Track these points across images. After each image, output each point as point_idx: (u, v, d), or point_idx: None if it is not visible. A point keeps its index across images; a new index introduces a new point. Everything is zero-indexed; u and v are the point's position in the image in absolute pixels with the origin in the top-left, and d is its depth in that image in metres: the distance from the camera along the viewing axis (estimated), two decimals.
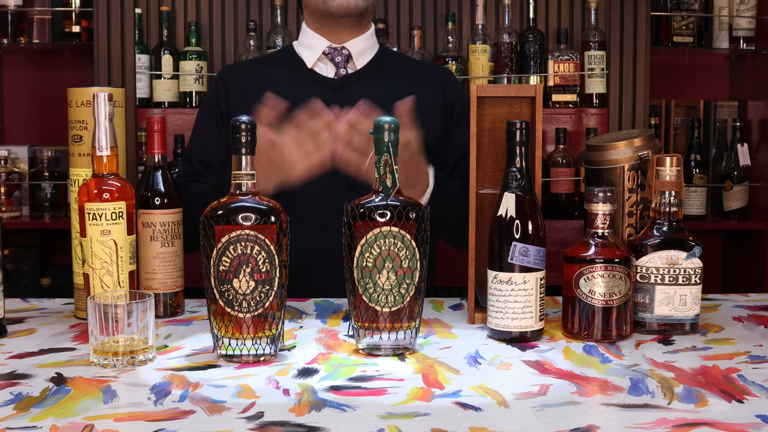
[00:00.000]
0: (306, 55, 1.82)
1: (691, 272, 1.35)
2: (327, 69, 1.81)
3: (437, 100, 1.83)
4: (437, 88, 1.85)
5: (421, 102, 1.78)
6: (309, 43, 1.82)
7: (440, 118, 1.82)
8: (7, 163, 2.93)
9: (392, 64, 1.85)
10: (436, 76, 1.89)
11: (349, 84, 1.78)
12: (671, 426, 0.96)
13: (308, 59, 1.81)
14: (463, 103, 1.87)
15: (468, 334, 1.38)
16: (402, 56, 2.01)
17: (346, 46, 1.80)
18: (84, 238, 1.33)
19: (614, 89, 2.78)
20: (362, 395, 1.07)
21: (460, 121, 1.86)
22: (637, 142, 1.44)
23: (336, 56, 1.80)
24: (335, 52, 1.80)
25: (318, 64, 1.81)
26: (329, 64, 1.81)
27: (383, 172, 1.24)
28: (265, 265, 1.20)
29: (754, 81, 3.05)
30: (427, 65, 2.07)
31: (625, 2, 2.75)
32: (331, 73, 1.81)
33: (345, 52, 1.80)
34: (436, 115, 1.80)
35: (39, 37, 2.96)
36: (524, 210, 1.31)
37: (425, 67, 2.00)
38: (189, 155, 1.87)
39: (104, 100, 1.31)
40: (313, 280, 1.68)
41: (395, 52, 1.96)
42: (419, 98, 1.79)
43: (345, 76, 1.79)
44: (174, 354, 1.25)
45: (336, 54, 1.80)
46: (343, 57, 1.80)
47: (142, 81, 2.85)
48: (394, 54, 1.93)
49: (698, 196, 3.01)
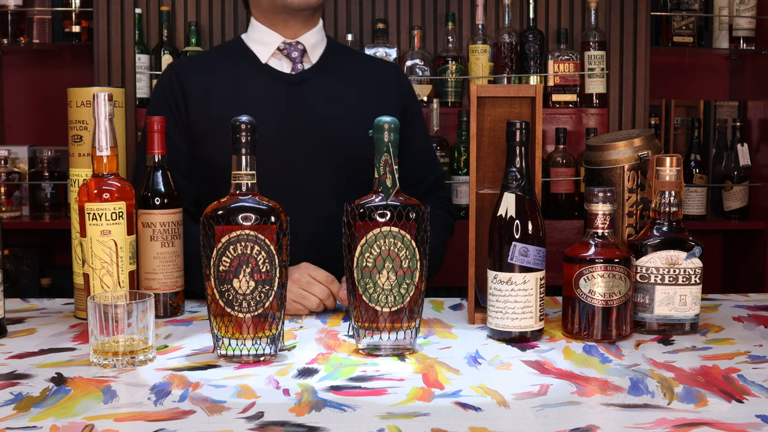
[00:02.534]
0: (259, 51, 1.78)
1: (691, 272, 1.35)
2: (282, 64, 1.78)
3: (394, 96, 1.83)
4: (392, 84, 1.85)
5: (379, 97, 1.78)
6: (261, 39, 1.78)
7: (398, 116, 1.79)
8: (7, 163, 2.93)
9: (345, 58, 1.84)
10: (390, 71, 1.89)
11: (307, 79, 1.76)
12: (671, 426, 0.96)
13: (262, 55, 1.77)
14: (414, 101, 1.88)
15: (468, 334, 1.38)
16: (350, 50, 1.99)
17: (300, 40, 1.77)
18: (84, 238, 1.33)
19: (614, 89, 2.78)
20: (362, 395, 1.07)
21: (416, 122, 1.86)
22: (637, 142, 1.44)
23: (292, 51, 1.77)
24: (290, 47, 1.77)
25: (272, 59, 1.78)
26: (284, 60, 1.78)
27: (383, 172, 1.24)
28: (265, 265, 1.20)
29: (754, 81, 3.05)
30: (378, 60, 2.05)
31: (625, 2, 2.75)
32: (287, 69, 1.78)
33: (300, 47, 1.77)
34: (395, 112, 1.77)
35: (39, 37, 2.96)
36: (524, 210, 1.31)
37: (377, 61, 1.99)
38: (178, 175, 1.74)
39: (104, 100, 1.31)
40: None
41: (342, 45, 1.94)
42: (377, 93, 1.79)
43: (303, 72, 1.77)
44: (174, 354, 1.25)
45: (292, 49, 1.77)
46: (299, 52, 1.77)
47: (142, 81, 2.85)
48: (343, 47, 1.92)
49: (698, 196, 3.01)
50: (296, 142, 1.71)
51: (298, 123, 1.72)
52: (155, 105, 1.78)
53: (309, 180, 1.71)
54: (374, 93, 1.79)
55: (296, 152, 1.71)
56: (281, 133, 1.71)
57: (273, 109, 1.73)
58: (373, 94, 1.79)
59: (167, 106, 1.75)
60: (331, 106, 1.75)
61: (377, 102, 1.77)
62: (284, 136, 1.71)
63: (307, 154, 1.71)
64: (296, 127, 1.72)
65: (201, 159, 1.75)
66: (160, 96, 1.78)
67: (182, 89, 1.75)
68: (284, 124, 1.72)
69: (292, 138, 1.71)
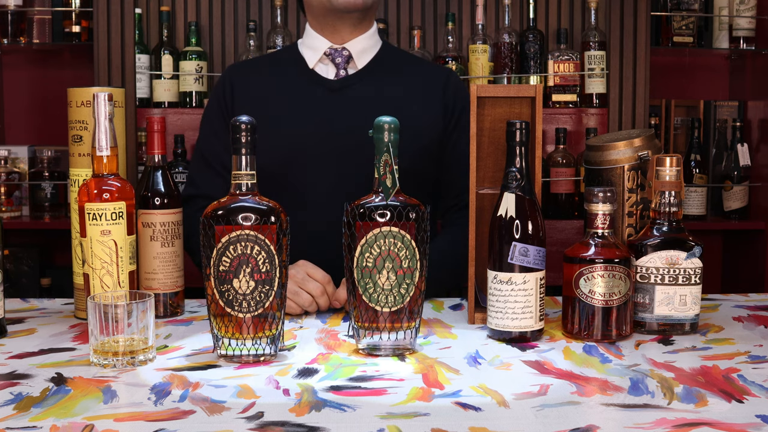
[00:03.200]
0: (308, 56, 1.81)
1: (691, 272, 1.35)
2: (327, 70, 1.80)
3: (437, 102, 1.81)
4: (438, 90, 1.82)
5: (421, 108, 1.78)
6: (311, 44, 1.81)
7: (439, 121, 1.80)
8: (7, 163, 2.93)
9: (393, 66, 1.84)
10: (437, 77, 1.86)
11: (348, 86, 1.78)
12: (671, 426, 0.96)
13: (310, 60, 1.81)
14: (463, 106, 1.84)
15: (468, 334, 1.38)
16: (404, 55, 1.98)
17: (347, 46, 1.79)
18: (84, 238, 1.33)
19: (614, 89, 2.78)
20: (362, 395, 1.07)
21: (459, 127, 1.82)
22: (637, 142, 1.44)
23: (337, 57, 1.79)
24: (336, 52, 1.79)
25: (318, 64, 1.81)
26: (330, 65, 1.80)
27: (383, 172, 1.24)
28: (265, 265, 1.20)
29: (754, 81, 3.05)
30: (428, 65, 2.03)
31: (625, 2, 2.75)
32: (331, 74, 1.80)
33: (345, 53, 1.79)
34: (435, 119, 1.79)
35: (39, 37, 2.96)
36: (524, 210, 1.31)
37: (427, 67, 1.97)
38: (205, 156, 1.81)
39: (104, 100, 1.31)
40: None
41: (398, 50, 1.94)
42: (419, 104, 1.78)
43: (344, 78, 1.79)
44: (174, 354, 1.25)
45: (337, 55, 1.79)
46: (343, 58, 1.79)
47: (142, 81, 2.85)
48: (396, 52, 1.91)
49: (698, 196, 3.01)
50: (331, 147, 1.72)
51: (334, 128, 1.74)
52: (210, 104, 1.87)
53: (341, 186, 1.69)
54: (414, 100, 1.78)
55: (330, 158, 1.71)
56: (318, 137, 1.72)
57: (311, 114, 1.75)
58: (413, 101, 1.78)
59: (218, 105, 1.83)
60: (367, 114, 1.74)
61: (416, 110, 1.76)
62: (321, 140, 1.72)
63: (341, 161, 1.71)
64: (333, 133, 1.73)
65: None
66: (214, 95, 1.87)
67: (232, 91, 1.82)
68: (322, 129, 1.74)
69: (328, 143, 1.72)
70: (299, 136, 1.73)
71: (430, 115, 1.78)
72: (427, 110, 1.78)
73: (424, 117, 1.77)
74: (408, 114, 1.64)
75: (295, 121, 1.74)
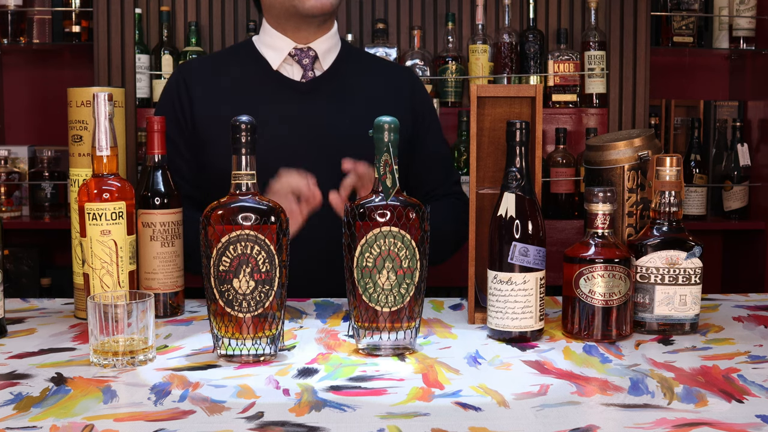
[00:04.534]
0: (270, 56, 1.76)
1: (691, 272, 1.35)
2: (293, 71, 1.77)
3: (406, 102, 1.81)
4: (405, 89, 1.83)
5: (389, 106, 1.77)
6: (273, 44, 1.76)
7: (408, 121, 1.79)
8: (7, 163, 2.93)
9: (357, 65, 1.82)
10: (404, 78, 1.87)
11: (318, 88, 1.75)
12: (671, 426, 0.96)
13: (273, 60, 1.76)
14: (429, 107, 1.87)
15: (468, 334, 1.38)
16: (366, 54, 1.97)
17: (312, 46, 1.75)
18: (84, 238, 1.33)
19: (614, 89, 2.78)
20: (362, 395, 1.07)
21: (430, 127, 1.84)
22: (637, 142, 1.44)
23: (303, 58, 1.75)
24: (302, 53, 1.75)
25: (283, 65, 1.76)
26: (295, 66, 1.76)
27: (383, 172, 1.24)
28: (265, 265, 1.20)
29: (754, 81, 3.05)
30: (392, 65, 2.01)
31: (625, 2, 2.75)
32: (297, 76, 1.76)
33: (311, 53, 1.76)
34: (404, 118, 1.77)
35: (39, 37, 2.96)
36: (524, 210, 1.31)
37: (391, 67, 1.95)
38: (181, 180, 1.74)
39: (104, 100, 1.31)
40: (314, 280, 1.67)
41: (357, 49, 1.92)
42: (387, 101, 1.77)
43: (313, 79, 1.75)
44: (174, 354, 1.25)
45: (303, 56, 1.75)
46: (310, 59, 1.75)
47: (142, 81, 2.85)
48: (358, 52, 1.89)
49: (698, 196, 3.01)
50: (305, 149, 1.70)
51: (306, 131, 1.72)
52: (161, 107, 1.78)
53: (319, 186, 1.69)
54: (384, 100, 1.77)
55: (304, 159, 1.69)
56: (290, 140, 1.70)
57: (282, 117, 1.72)
58: (383, 101, 1.77)
59: (172, 108, 1.75)
60: (339, 115, 1.74)
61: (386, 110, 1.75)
62: (293, 143, 1.70)
63: (315, 162, 1.69)
64: (305, 135, 1.71)
65: (206, 165, 1.74)
66: (166, 98, 1.78)
67: (188, 92, 1.74)
68: (294, 132, 1.71)
69: (301, 145, 1.70)
70: (273, 139, 1.69)
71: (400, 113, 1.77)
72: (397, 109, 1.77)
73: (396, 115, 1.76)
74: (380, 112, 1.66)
75: (270, 124, 1.69)
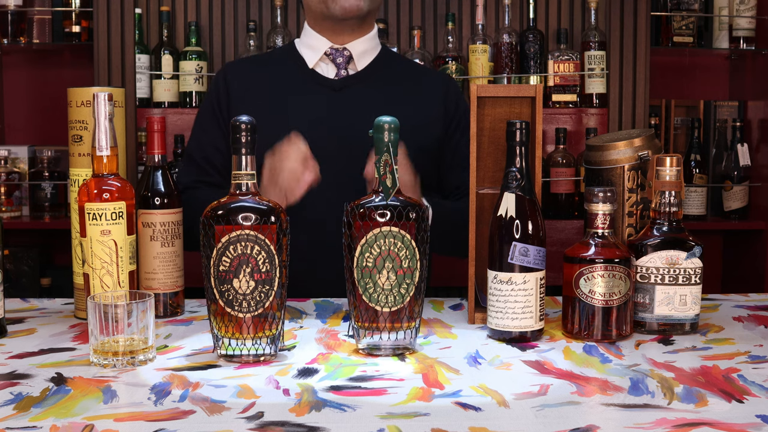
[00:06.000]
0: (307, 55, 1.81)
1: (691, 272, 1.35)
2: (328, 69, 1.81)
3: (438, 107, 1.82)
4: (438, 93, 1.84)
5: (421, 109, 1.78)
6: (311, 43, 1.81)
7: (440, 125, 1.81)
8: (7, 163, 2.93)
9: (393, 68, 1.85)
10: (438, 83, 1.88)
11: (350, 86, 1.78)
12: (671, 426, 0.96)
13: (309, 59, 1.81)
14: (463, 112, 1.86)
15: (468, 334, 1.38)
16: (403, 59, 2.00)
17: (348, 47, 1.79)
18: (84, 238, 1.33)
19: (614, 89, 2.78)
20: (362, 395, 1.07)
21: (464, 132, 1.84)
22: (637, 142, 1.44)
23: (337, 57, 1.79)
24: (336, 52, 1.79)
25: (319, 64, 1.81)
26: (330, 65, 1.81)
27: (383, 172, 1.24)
28: (265, 265, 1.20)
29: (754, 81, 3.05)
30: (428, 70, 2.06)
31: (625, 2, 2.75)
32: (331, 74, 1.80)
33: (346, 53, 1.79)
34: (435, 122, 1.80)
35: (39, 37, 2.96)
36: (524, 210, 1.31)
37: (427, 72, 1.99)
38: (191, 154, 1.84)
39: (104, 100, 1.31)
40: (313, 280, 1.68)
41: (397, 54, 1.95)
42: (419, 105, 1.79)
43: (346, 78, 1.79)
44: (174, 354, 1.25)
45: (337, 55, 1.79)
46: (344, 58, 1.79)
47: (142, 81, 2.85)
48: (396, 56, 1.93)
49: (698, 196, 3.01)
50: (333, 145, 1.72)
51: (336, 127, 1.74)
52: (204, 102, 1.87)
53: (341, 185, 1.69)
54: (415, 104, 1.79)
55: (332, 156, 1.71)
56: (319, 135, 1.72)
57: (313, 113, 1.75)
58: (414, 104, 1.78)
59: (210, 103, 1.84)
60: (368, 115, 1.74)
61: (416, 112, 1.76)
62: (322, 139, 1.72)
63: (341, 159, 1.70)
64: (334, 132, 1.73)
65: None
66: (208, 93, 1.88)
67: (227, 87, 1.82)
68: (323, 128, 1.74)
69: (330, 142, 1.72)
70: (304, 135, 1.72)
71: (431, 116, 1.78)
72: (428, 111, 1.79)
73: (425, 118, 1.77)
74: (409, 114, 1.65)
75: (300, 119, 1.74)
